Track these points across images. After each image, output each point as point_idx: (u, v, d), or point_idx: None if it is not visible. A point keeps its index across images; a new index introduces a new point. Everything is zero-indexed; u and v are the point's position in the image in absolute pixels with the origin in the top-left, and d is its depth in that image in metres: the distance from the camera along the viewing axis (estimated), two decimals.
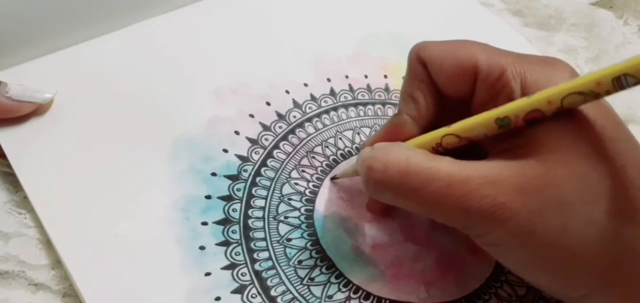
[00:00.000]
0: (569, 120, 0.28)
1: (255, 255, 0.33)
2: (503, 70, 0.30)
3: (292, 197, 0.36)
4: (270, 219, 0.35)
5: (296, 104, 0.40)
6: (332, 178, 0.37)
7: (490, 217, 0.28)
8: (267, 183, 0.36)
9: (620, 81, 0.26)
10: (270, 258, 0.33)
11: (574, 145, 0.28)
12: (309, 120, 0.40)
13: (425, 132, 0.32)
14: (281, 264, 0.33)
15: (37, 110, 0.37)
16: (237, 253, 0.33)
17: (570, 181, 0.27)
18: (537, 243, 0.27)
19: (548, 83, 0.29)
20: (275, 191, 0.36)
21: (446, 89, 0.32)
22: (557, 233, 0.27)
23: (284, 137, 0.38)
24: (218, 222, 0.34)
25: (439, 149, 0.31)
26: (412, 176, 0.29)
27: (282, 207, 0.35)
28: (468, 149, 0.31)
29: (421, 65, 0.33)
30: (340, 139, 0.39)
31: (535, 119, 0.28)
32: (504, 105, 0.29)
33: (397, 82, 0.43)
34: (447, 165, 0.29)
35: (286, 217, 0.35)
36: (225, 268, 0.32)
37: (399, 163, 0.29)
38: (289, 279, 0.33)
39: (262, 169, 0.37)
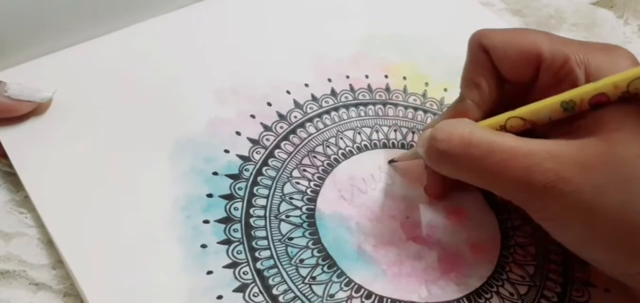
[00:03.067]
0: (631, 103, 0.29)
1: (256, 254, 0.33)
2: (567, 58, 0.31)
3: (294, 196, 0.36)
4: (272, 218, 0.35)
5: (297, 104, 0.40)
6: (390, 162, 0.38)
7: (551, 191, 0.28)
8: (269, 182, 0.36)
9: None
10: (271, 257, 0.33)
11: (637, 125, 0.29)
12: (310, 120, 0.40)
13: (486, 118, 0.33)
14: (283, 263, 0.33)
15: (36, 109, 0.37)
16: (239, 252, 0.33)
17: (633, 159, 0.28)
18: (598, 219, 0.28)
19: (612, 69, 0.30)
20: (276, 190, 0.36)
21: (509, 75, 0.33)
22: (618, 209, 0.28)
23: (285, 137, 0.38)
24: (219, 221, 0.34)
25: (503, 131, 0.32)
26: (475, 147, 0.30)
27: (284, 206, 0.35)
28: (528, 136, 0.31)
29: (483, 52, 0.33)
30: (341, 138, 0.39)
31: (600, 102, 0.29)
32: (570, 90, 0.30)
33: (397, 82, 0.43)
34: (510, 139, 0.30)
35: (288, 216, 0.35)
36: (227, 267, 0.32)
37: (462, 134, 0.31)
38: (290, 278, 0.32)
39: (264, 168, 0.37)
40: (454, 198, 0.37)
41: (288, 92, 0.41)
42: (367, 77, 0.43)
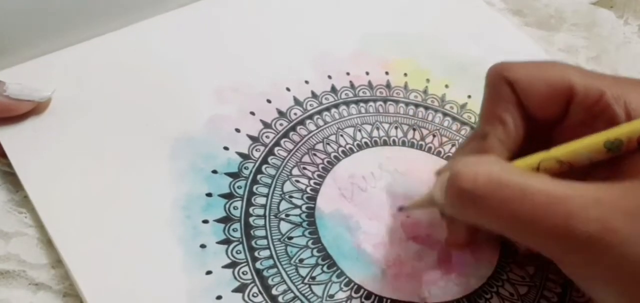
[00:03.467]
0: None
1: (256, 254, 0.33)
2: (602, 93, 0.29)
3: (293, 195, 0.36)
4: (272, 217, 0.35)
5: (297, 101, 0.40)
6: (400, 209, 0.35)
7: (596, 244, 0.25)
8: (268, 180, 0.36)
9: None
10: (271, 256, 0.33)
11: None
12: (310, 117, 0.40)
13: (513, 158, 0.30)
14: (282, 263, 0.33)
15: (35, 108, 0.37)
16: (238, 252, 0.33)
17: None
18: None
19: None
20: (276, 189, 0.36)
21: (536, 111, 0.31)
22: None
23: (285, 135, 0.38)
24: (219, 220, 0.34)
25: None
26: (505, 187, 0.26)
27: (283, 205, 0.35)
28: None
29: (508, 85, 0.31)
30: (342, 135, 0.39)
31: None
32: (614, 128, 0.27)
33: (398, 79, 0.43)
34: (546, 181, 0.26)
35: (287, 215, 0.35)
36: (226, 266, 0.32)
37: (490, 172, 0.27)
38: (290, 278, 0.32)
39: (263, 167, 0.37)
40: None
41: (288, 89, 0.41)
42: (367, 73, 0.43)
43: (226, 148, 0.37)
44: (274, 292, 0.32)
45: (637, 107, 0.28)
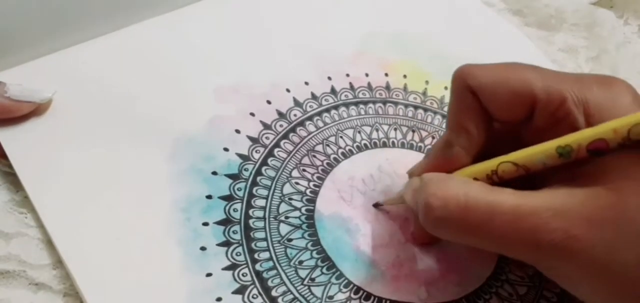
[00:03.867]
0: (636, 149, 0.27)
1: (256, 256, 0.33)
2: (563, 98, 0.29)
3: (293, 197, 0.36)
4: (271, 219, 0.35)
5: (297, 103, 0.40)
6: (375, 205, 0.36)
7: (561, 251, 0.27)
8: (268, 182, 0.36)
9: None
10: (271, 258, 0.33)
11: None
12: (310, 118, 0.40)
13: (476, 162, 0.32)
14: (282, 264, 0.33)
15: (36, 110, 0.37)
16: (238, 254, 0.33)
17: None
18: (613, 277, 0.26)
19: (612, 108, 0.28)
20: (276, 191, 0.36)
21: (499, 115, 0.31)
22: (634, 266, 0.26)
23: (285, 136, 0.38)
24: (219, 223, 0.34)
25: (494, 178, 0.30)
26: (474, 211, 0.28)
27: (283, 207, 0.35)
28: (521, 183, 0.29)
29: (471, 93, 0.31)
30: (341, 137, 0.39)
31: (599, 149, 0.27)
32: (566, 135, 0.28)
33: (398, 81, 0.43)
34: (510, 197, 0.28)
35: (287, 217, 0.35)
36: (226, 268, 0.32)
37: (458, 198, 0.28)
38: (289, 279, 0.33)
39: (263, 168, 0.37)
40: None
41: (288, 90, 0.41)
42: (367, 75, 0.43)
43: (226, 149, 0.37)
44: (273, 293, 0.32)
45: (596, 109, 0.28)
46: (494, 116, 0.31)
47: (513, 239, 0.28)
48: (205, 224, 0.34)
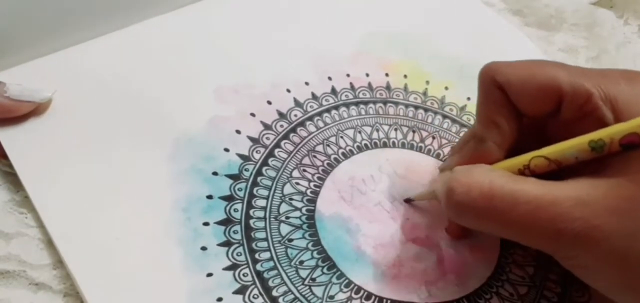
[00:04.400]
0: None
1: (256, 256, 0.33)
2: (590, 94, 0.29)
3: (294, 197, 0.36)
4: (272, 219, 0.35)
5: (297, 103, 0.40)
6: (407, 200, 0.36)
7: (582, 240, 0.27)
8: (269, 183, 0.36)
9: None
10: (271, 258, 0.33)
11: None
12: (310, 119, 0.40)
13: (508, 156, 0.32)
14: (283, 265, 0.33)
15: (36, 109, 0.37)
16: (239, 254, 0.33)
17: None
18: (631, 266, 0.27)
19: (639, 102, 0.29)
20: (276, 191, 0.36)
21: (527, 110, 0.32)
22: None
23: (286, 136, 0.38)
24: (219, 223, 0.34)
25: (526, 172, 0.31)
26: (497, 198, 0.29)
27: (284, 207, 0.35)
28: (552, 177, 0.30)
29: (499, 89, 0.32)
30: (342, 137, 0.39)
31: (632, 142, 0.28)
32: (599, 130, 0.29)
33: (398, 81, 0.43)
34: (533, 187, 0.28)
35: (287, 217, 0.35)
36: (227, 268, 0.32)
37: (482, 185, 0.29)
38: (290, 279, 0.33)
39: (264, 168, 0.37)
40: None
41: (288, 91, 0.41)
42: (367, 75, 0.43)
43: (226, 149, 0.37)
44: (274, 293, 0.32)
45: (624, 105, 0.29)
46: (522, 111, 0.32)
47: (534, 228, 0.28)
48: (206, 224, 0.34)
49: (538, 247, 0.29)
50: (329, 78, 0.42)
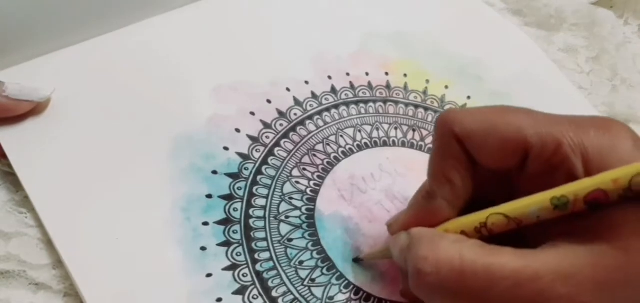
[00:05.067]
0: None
1: (256, 256, 0.33)
2: (559, 143, 0.27)
3: (293, 196, 0.36)
4: (272, 219, 0.35)
5: (297, 102, 0.40)
6: (355, 260, 0.34)
7: None
8: (268, 182, 0.36)
9: None
10: (271, 258, 0.33)
11: None
12: (310, 118, 0.40)
13: (461, 214, 0.29)
14: (282, 265, 0.33)
15: (35, 109, 0.36)
16: (239, 254, 0.33)
17: None
18: None
19: (612, 154, 0.26)
20: (276, 190, 0.36)
21: (489, 165, 0.29)
22: None
23: (285, 135, 0.38)
24: (219, 222, 0.34)
25: (483, 231, 0.28)
26: (471, 277, 0.26)
27: (283, 206, 0.35)
28: (514, 235, 0.27)
29: (456, 141, 0.29)
30: (342, 136, 0.39)
31: (598, 200, 0.25)
32: (562, 186, 0.26)
33: (398, 80, 0.43)
34: (510, 259, 0.26)
35: (287, 217, 0.35)
36: (227, 269, 0.32)
37: (452, 261, 0.26)
38: (290, 280, 0.33)
39: (263, 167, 0.37)
40: None
41: (288, 90, 0.41)
42: (367, 74, 0.43)
43: (226, 148, 0.37)
44: (274, 294, 0.32)
45: (595, 155, 0.26)
46: (483, 165, 0.29)
47: None
48: (206, 224, 0.34)
49: None
50: (329, 77, 0.42)
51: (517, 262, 0.25)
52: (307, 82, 0.41)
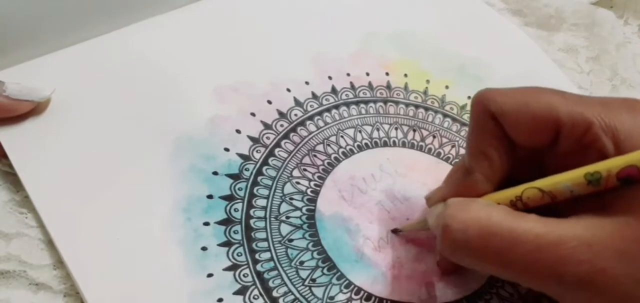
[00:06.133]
0: None
1: (257, 256, 0.33)
2: (589, 123, 0.28)
3: (294, 197, 0.36)
4: (272, 219, 0.35)
5: (297, 102, 0.40)
6: (394, 231, 0.35)
7: (587, 285, 0.25)
8: (269, 182, 0.36)
9: None
10: (272, 259, 0.33)
11: None
12: (311, 118, 0.40)
13: (499, 188, 0.30)
14: (283, 265, 0.33)
15: (35, 109, 0.36)
16: (239, 254, 0.33)
17: None
18: None
19: None
20: (276, 190, 0.36)
21: (522, 142, 0.30)
22: None
23: (286, 136, 0.38)
24: (220, 223, 0.34)
25: (518, 205, 0.29)
26: (496, 237, 0.27)
27: (284, 207, 0.35)
28: (548, 213, 0.28)
29: (492, 119, 0.30)
30: (342, 136, 0.39)
31: (630, 176, 0.26)
32: (597, 163, 0.27)
33: (398, 80, 0.43)
34: (535, 224, 0.27)
35: (288, 217, 0.35)
36: (227, 269, 0.32)
37: (480, 222, 0.27)
38: (290, 280, 0.33)
39: (264, 168, 0.37)
40: None
41: (288, 90, 0.41)
42: (368, 74, 0.43)
43: (227, 149, 0.37)
44: (274, 294, 0.32)
45: (625, 136, 0.27)
46: (517, 142, 0.30)
47: (536, 270, 0.26)
48: (206, 224, 0.34)
49: (540, 289, 0.28)
50: (329, 77, 0.42)
51: (541, 227, 0.26)
52: (307, 83, 0.41)
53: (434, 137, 0.40)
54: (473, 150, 0.31)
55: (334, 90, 0.41)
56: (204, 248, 0.33)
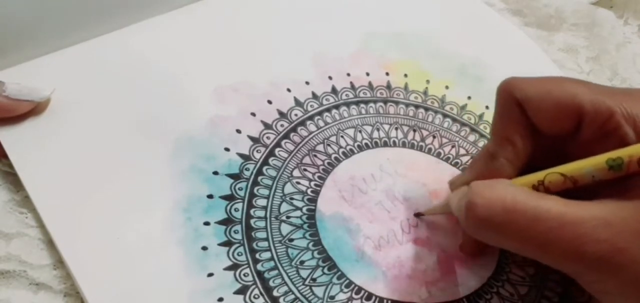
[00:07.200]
0: None
1: (257, 256, 0.33)
2: (612, 112, 0.29)
3: (294, 197, 0.36)
4: (273, 219, 0.35)
5: (298, 102, 0.40)
6: (417, 215, 0.36)
7: (607, 264, 0.26)
8: (269, 182, 0.36)
9: None
10: (272, 258, 0.33)
11: None
12: (311, 118, 0.40)
13: (521, 174, 0.31)
14: (283, 265, 0.33)
15: (35, 109, 0.37)
16: (240, 254, 0.33)
17: None
18: None
19: None
20: (277, 190, 0.36)
21: (546, 128, 0.31)
22: None
23: (286, 136, 0.38)
24: (220, 222, 0.34)
25: (540, 189, 0.30)
26: (519, 214, 0.28)
27: (284, 207, 0.35)
28: (568, 197, 0.29)
29: (517, 105, 0.31)
30: (342, 136, 0.39)
31: None
32: (618, 149, 0.28)
33: (398, 80, 0.43)
34: (557, 204, 0.27)
35: (288, 217, 0.35)
36: (228, 268, 0.32)
37: (504, 200, 0.28)
38: (291, 280, 0.33)
39: (264, 168, 0.37)
40: None
41: (288, 90, 0.41)
42: (368, 74, 0.43)
43: (227, 149, 0.37)
44: (275, 293, 0.32)
45: None
46: (540, 129, 0.31)
47: (556, 247, 0.27)
48: (207, 224, 0.34)
49: (559, 267, 0.28)
50: (330, 77, 0.42)
51: (563, 207, 0.27)
52: (307, 83, 0.41)
53: (434, 137, 0.40)
54: (498, 135, 0.32)
55: (334, 90, 0.41)
56: (204, 248, 0.33)
